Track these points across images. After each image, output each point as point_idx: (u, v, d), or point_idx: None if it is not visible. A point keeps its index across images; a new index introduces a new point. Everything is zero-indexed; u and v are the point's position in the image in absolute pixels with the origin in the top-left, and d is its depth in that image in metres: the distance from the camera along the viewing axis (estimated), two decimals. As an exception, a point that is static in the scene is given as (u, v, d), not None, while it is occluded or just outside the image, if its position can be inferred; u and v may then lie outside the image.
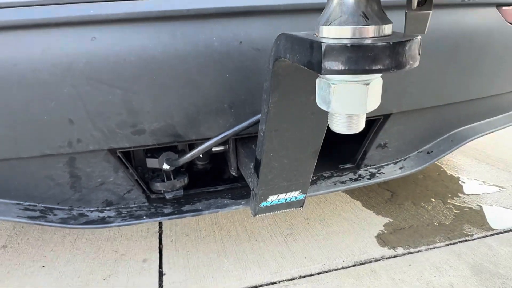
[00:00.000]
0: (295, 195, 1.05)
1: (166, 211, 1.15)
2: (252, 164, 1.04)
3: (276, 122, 0.82)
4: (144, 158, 1.19)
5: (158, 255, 1.53)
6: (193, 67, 0.95)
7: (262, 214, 1.05)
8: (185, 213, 1.15)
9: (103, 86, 0.91)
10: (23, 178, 1.05)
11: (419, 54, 0.55)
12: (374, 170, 1.35)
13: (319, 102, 0.61)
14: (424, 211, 1.75)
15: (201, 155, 1.34)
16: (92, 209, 1.12)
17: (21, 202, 1.07)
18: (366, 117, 1.23)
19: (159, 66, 0.94)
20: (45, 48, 0.87)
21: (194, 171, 1.41)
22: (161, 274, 1.42)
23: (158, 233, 1.68)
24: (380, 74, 0.58)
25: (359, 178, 1.32)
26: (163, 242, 1.61)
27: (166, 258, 1.50)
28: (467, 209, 1.75)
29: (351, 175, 1.33)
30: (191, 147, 1.15)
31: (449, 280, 1.32)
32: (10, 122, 0.93)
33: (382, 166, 1.36)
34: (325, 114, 0.69)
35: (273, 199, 1.02)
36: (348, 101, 0.57)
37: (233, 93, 1.00)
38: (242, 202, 1.20)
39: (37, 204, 1.09)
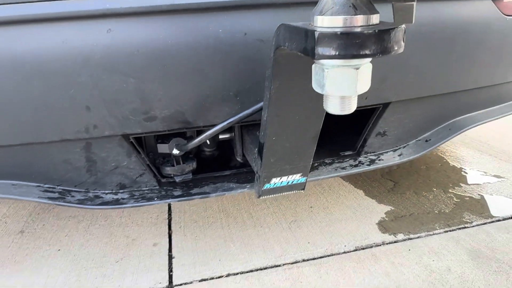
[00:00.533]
0: (296, 178, 1.11)
1: (175, 193, 1.22)
2: (256, 149, 1.11)
3: (278, 107, 0.88)
4: (155, 145, 1.26)
5: (167, 239, 1.60)
6: (201, 57, 1.02)
7: (266, 197, 1.11)
8: (194, 195, 1.22)
9: (118, 75, 0.99)
10: (43, 162, 1.13)
11: (403, 41, 0.61)
12: (373, 157, 1.41)
13: (314, 86, 0.68)
14: (425, 200, 1.80)
15: (208, 142, 1.41)
16: (106, 191, 1.20)
17: (41, 185, 1.15)
18: (366, 106, 1.29)
19: (170, 56, 1.00)
20: (64, 40, 0.95)
21: (202, 158, 1.48)
22: (170, 257, 1.49)
23: (167, 220, 1.75)
24: (369, 59, 0.64)
25: (359, 164, 1.38)
26: (172, 228, 1.68)
27: (175, 243, 1.57)
28: (467, 198, 1.79)
29: (351, 162, 1.39)
30: (199, 134, 1.21)
31: (447, 264, 1.37)
32: (33, 108, 1.01)
33: (382, 153, 1.41)
34: (322, 100, 0.75)
35: (276, 181, 1.09)
36: (340, 84, 0.63)
37: (238, 82, 1.06)
38: (247, 186, 1.27)
39: (56, 187, 1.16)
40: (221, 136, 1.34)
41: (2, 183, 1.12)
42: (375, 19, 0.61)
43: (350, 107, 0.67)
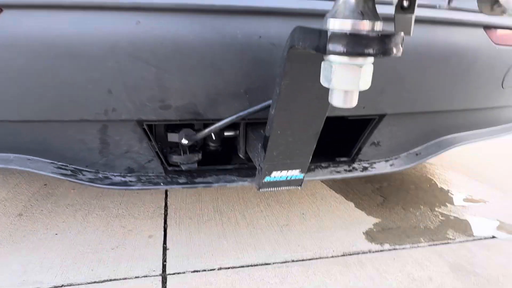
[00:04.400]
0: (295, 173, 1.19)
1: (180, 180, 1.29)
2: (260, 144, 1.19)
3: (285, 103, 0.97)
4: (164, 135, 1.34)
5: (163, 233, 1.65)
6: (218, 55, 1.12)
7: (265, 189, 1.19)
8: (197, 184, 1.29)
9: (141, 63, 1.07)
10: (59, 140, 1.20)
11: (401, 46, 0.71)
12: (366, 165, 1.50)
13: (322, 80, 0.77)
14: (412, 216, 1.88)
15: (214, 137, 1.49)
16: (115, 174, 1.27)
17: (55, 162, 1.22)
18: (364, 116, 1.39)
19: (189, 51, 1.10)
20: (96, 27, 1.04)
21: (207, 152, 1.56)
22: (165, 249, 1.54)
23: (163, 215, 1.81)
24: (372, 60, 0.74)
25: (352, 170, 1.47)
26: (168, 222, 1.74)
27: (170, 236, 1.63)
28: (452, 218, 1.88)
29: (345, 167, 1.48)
30: (206, 128, 1.29)
31: (429, 274, 1.45)
32: (59, 87, 1.09)
33: (375, 162, 1.50)
34: (326, 100, 0.84)
35: (276, 174, 1.17)
36: (344, 79, 0.73)
37: (249, 80, 1.16)
38: (248, 180, 1.35)
39: (68, 165, 1.23)
40: (226, 133, 1.42)
41: (19, 156, 1.19)
42: (378, 25, 0.72)
43: (352, 101, 0.76)
